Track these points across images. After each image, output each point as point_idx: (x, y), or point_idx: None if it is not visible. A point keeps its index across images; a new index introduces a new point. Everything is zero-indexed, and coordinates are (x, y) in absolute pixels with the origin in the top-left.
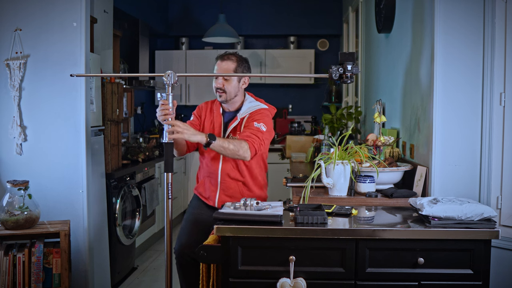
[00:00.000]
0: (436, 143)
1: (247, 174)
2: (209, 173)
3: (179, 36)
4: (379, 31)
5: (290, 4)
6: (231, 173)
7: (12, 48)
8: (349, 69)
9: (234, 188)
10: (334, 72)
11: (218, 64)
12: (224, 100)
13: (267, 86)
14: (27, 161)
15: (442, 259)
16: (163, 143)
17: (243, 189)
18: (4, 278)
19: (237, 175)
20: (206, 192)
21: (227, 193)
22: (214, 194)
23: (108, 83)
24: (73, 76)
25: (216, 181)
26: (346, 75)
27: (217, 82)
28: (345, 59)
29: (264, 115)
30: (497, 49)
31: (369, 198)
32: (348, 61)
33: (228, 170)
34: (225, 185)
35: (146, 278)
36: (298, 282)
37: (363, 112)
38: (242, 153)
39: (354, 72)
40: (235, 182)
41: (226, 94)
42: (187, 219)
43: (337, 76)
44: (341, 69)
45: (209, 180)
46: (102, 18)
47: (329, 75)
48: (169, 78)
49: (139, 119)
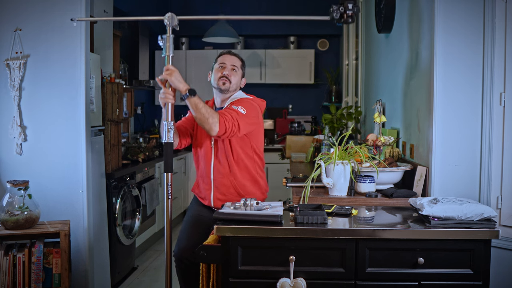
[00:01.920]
0: (436, 143)
1: (237, 169)
2: (202, 172)
3: (179, 36)
4: (379, 31)
5: (290, 4)
6: (222, 169)
7: (12, 48)
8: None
9: (226, 184)
10: (335, 11)
11: (225, 57)
12: (226, 89)
13: (267, 86)
14: (27, 161)
15: (442, 259)
16: (163, 143)
17: (236, 185)
18: (4, 278)
19: (227, 170)
20: (202, 192)
21: (221, 191)
22: (209, 193)
23: (108, 83)
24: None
25: (209, 180)
26: (347, 14)
27: (227, 69)
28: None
29: (244, 101)
30: (497, 49)
31: (369, 198)
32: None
33: (219, 166)
34: (217, 182)
35: (146, 278)
36: (298, 282)
37: (363, 112)
38: (211, 122)
39: (356, 12)
40: (227, 179)
41: (230, 84)
42: (187, 221)
43: (338, 15)
44: (342, 8)
45: (202, 180)
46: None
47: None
48: (169, 20)
49: (139, 119)
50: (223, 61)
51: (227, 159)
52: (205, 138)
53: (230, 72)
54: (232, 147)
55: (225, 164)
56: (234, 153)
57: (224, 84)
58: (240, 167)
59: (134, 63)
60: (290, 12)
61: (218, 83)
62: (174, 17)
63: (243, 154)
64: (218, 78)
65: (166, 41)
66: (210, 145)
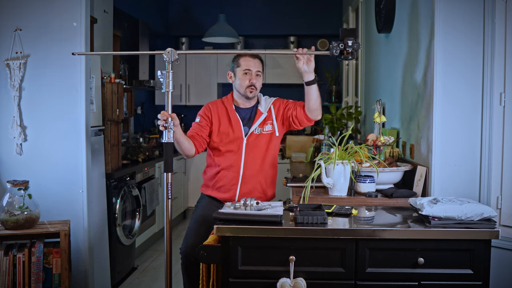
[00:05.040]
0: (436, 143)
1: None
2: (230, 166)
3: (179, 36)
4: (379, 31)
5: (290, 4)
6: (252, 165)
7: (12, 48)
8: (349, 45)
9: (254, 181)
10: (335, 48)
11: (249, 62)
12: (254, 96)
13: (267, 86)
14: (27, 161)
15: (442, 259)
16: (163, 143)
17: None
18: (4, 278)
19: (258, 167)
20: (226, 185)
21: (248, 187)
22: (235, 187)
23: (108, 83)
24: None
25: (237, 174)
26: (347, 50)
27: (253, 76)
28: (346, 35)
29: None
30: (497, 49)
31: (369, 198)
32: (349, 37)
33: (251, 162)
34: (246, 178)
35: (146, 278)
36: (298, 282)
37: (363, 112)
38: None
39: (355, 48)
40: (256, 176)
41: (256, 90)
42: (195, 219)
43: (337, 52)
44: (342, 45)
45: (230, 173)
46: (102, 18)
47: (329, 51)
48: (168, 55)
49: (139, 119)
50: (248, 67)
51: (259, 155)
52: (236, 133)
53: (256, 78)
54: (270, 144)
55: (257, 160)
56: (269, 150)
57: (252, 92)
58: (270, 164)
59: (134, 63)
60: (289, 11)
61: (246, 91)
62: (173, 52)
63: (274, 152)
64: (246, 86)
65: (166, 76)
66: (242, 141)
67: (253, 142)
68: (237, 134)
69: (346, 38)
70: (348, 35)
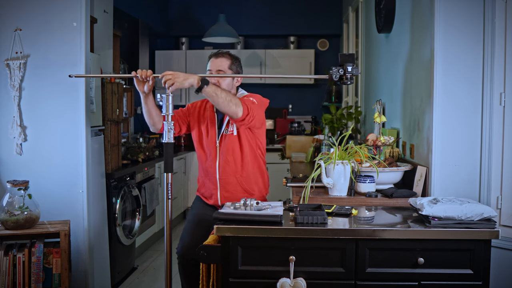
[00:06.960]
0: (436, 143)
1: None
2: (207, 172)
3: (179, 36)
4: (379, 31)
5: (290, 4)
6: (228, 167)
7: (12, 48)
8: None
9: (233, 182)
10: (335, 73)
11: (212, 61)
12: None
13: (267, 86)
14: (27, 161)
15: (442, 259)
16: (163, 143)
17: (242, 182)
18: (4, 278)
19: (233, 168)
20: (207, 191)
21: (227, 189)
22: (215, 192)
23: (108, 83)
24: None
25: (215, 179)
26: (346, 76)
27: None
28: (345, 60)
29: (253, 95)
30: (497, 49)
31: (369, 198)
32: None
33: (225, 165)
34: (223, 181)
35: (146, 278)
36: (298, 282)
37: (363, 112)
38: (234, 104)
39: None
40: (233, 177)
41: None
42: (190, 220)
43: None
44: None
45: (208, 180)
46: (102, 18)
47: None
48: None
49: (139, 119)
50: (209, 67)
51: (233, 156)
52: (210, 137)
53: (217, 79)
54: (241, 143)
55: (231, 162)
56: (243, 149)
57: None
58: (248, 163)
59: (134, 63)
60: (289, 11)
61: None
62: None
63: (250, 150)
64: None
65: (165, 100)
66: (215, 144)
67: (225, 145)
68: (211, 138)
69: (345, 64)
70: (347, 60)
